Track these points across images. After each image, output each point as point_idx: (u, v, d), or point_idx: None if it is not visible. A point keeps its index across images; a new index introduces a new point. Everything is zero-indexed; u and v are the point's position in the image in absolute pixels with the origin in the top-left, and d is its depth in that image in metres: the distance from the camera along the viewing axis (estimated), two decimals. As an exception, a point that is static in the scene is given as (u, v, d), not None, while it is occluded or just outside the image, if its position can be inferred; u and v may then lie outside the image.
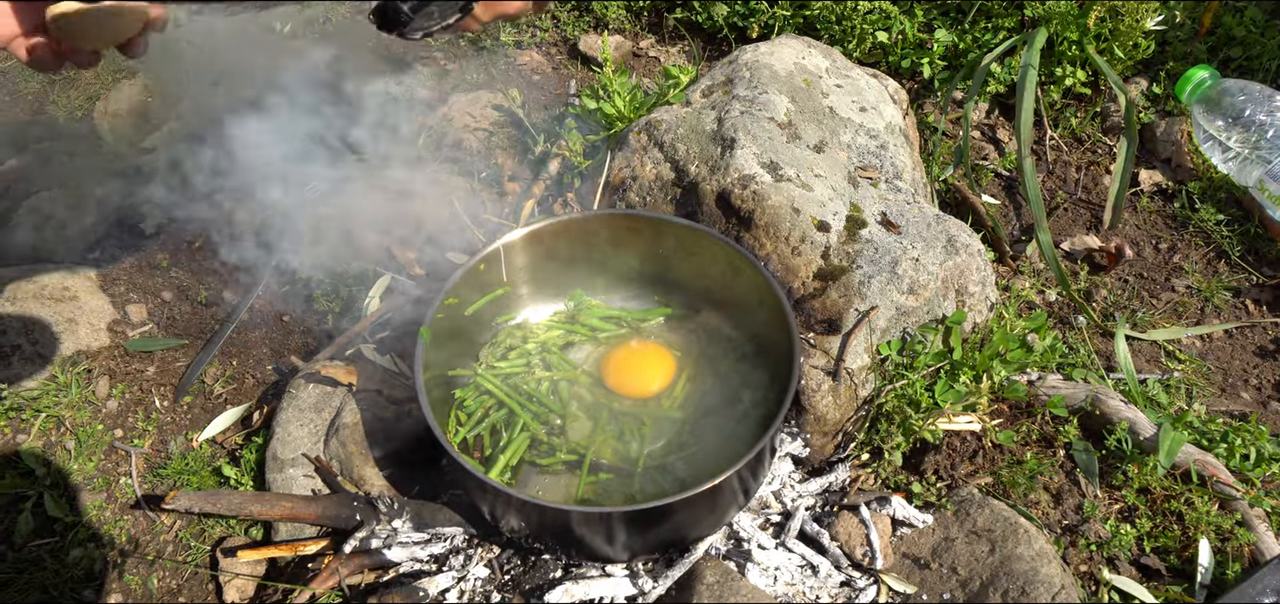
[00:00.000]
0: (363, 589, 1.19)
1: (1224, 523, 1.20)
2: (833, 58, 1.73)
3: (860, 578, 1.17)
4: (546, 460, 1.24)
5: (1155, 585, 1.17)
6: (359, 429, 1.32)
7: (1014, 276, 1.63)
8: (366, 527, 1.22)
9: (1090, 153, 1.86)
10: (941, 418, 1.28)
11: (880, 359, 1.31)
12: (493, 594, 1.17)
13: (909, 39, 1.93)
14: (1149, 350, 1.51)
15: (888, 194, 1.48)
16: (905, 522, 1.22)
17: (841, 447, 1.33)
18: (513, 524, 1.15)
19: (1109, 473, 1.28)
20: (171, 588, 1.30)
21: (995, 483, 1.27)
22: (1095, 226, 1.73)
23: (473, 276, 1.31)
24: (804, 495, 1.28)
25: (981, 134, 1.91)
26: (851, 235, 1.36)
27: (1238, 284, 1.61)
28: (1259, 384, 1.47)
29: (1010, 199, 1.79)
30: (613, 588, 1.15)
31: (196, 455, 1.42)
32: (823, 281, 1.33)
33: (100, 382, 1.49)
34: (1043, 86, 1.87)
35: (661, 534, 1.15)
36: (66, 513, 1.36)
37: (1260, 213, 1.66)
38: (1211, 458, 1.25)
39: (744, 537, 1.20)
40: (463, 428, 1.27)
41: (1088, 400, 1.32)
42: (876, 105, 1.64)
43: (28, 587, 1.29)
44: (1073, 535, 1.22)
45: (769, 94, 1.54)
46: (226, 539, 1.33)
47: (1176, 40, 1.94)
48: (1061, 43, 1.83)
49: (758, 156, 1.42)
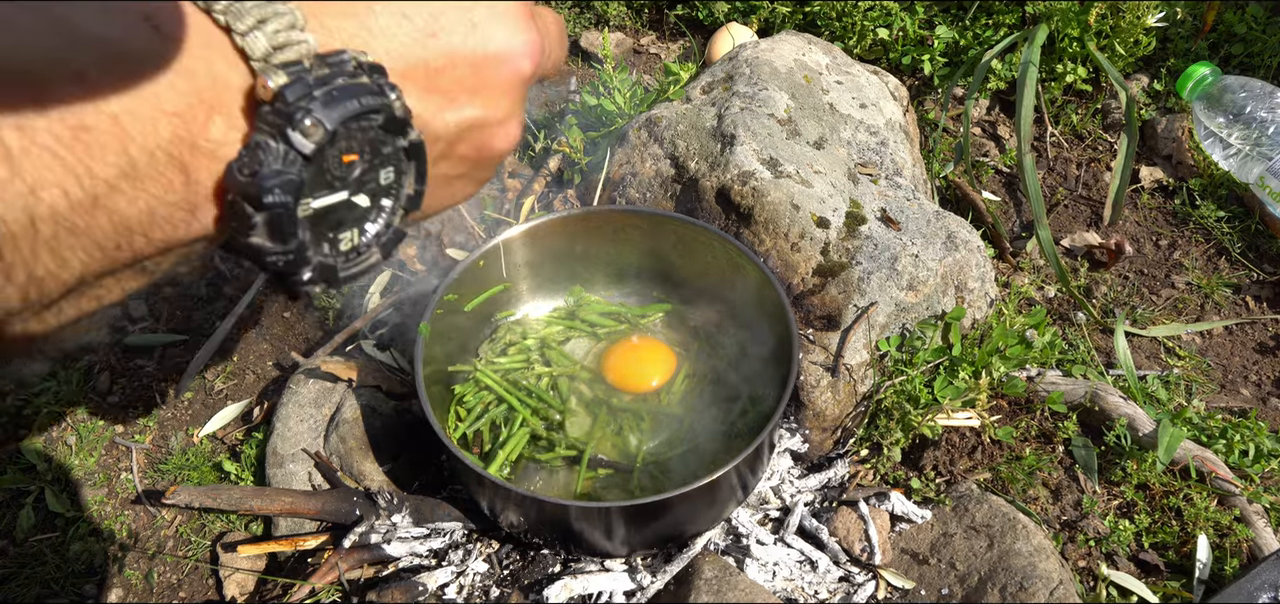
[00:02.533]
0: (362, 584, 1.19)
1: (1222, 519, 1.20)
2: (833, 54, 1.73)
3: (859, 573, 1.17)
4: (546, 456, 1.24)
5: (1153, 581, 1.17)
6: (359, 425, 1.32)
7: (1014, 273, 1.63)
8: (366, 522, 1.23)
9: (1091, 149, 1.86)
10: (940, 414, 1.28)
11: (879, 355, 1.31)
12: (492, 589, 1.18)
13: (910, 36, 1.93)
14: (1149, 347, 1.51)
15: (888, 190, 1.48)
16: (904, 517, 1.23)
17: (840, 442, 1.33)
18: (512, 519, 1.16)
19: (1108, 469, 1.28)
20: (172, 583, 1.30)
21: (994, 479, 1.27)
22: (1095, 223, 1.73)
23: (472, 273, 1.32)
24: (803, 491, 1.28)
25: (982, 130, 1.91)
26: (851, 232, 1.36)
27: (1238, 281, 1.61)
28: (1259, 381, 1.47)
29: (1011, 196, 1.79)
30: (611, 583, 1.16)
31: (197, 451, 1.43)
32: (822, 278, 1.33)
33: (101, 377, 1.50)
34: (1043, 83, 1.87)
35: (660, 529, 1.15)
36: (67, 508, 1.36)
37: (1261, 209, 1.66)
38: (1210, 454, 1.25)
39: (743, 532, 1.21)
40: (462, 423, 1.27)
41: (1087, 396, 1.32)
42: (877, 102, 1.64)
43: (29, 581, 1.29)
44: (1071, 531, 1.22)
45: (769, 90, 1.54)
46: (227, 534, 1.33)
47: (1178, 37, 1.94)
48: (1062, 39, 1.83)
49: (757, 153, 1.42)
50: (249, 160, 0.38)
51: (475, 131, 0.48)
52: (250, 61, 0.39)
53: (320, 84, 0.40)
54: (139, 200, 0.36)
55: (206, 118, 0.37)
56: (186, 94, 0.36)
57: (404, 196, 0.47)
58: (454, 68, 0.45)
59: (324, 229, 0.43)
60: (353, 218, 0.45)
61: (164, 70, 0.36)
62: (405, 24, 0.43)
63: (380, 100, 0.41)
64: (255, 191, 0.38)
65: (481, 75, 0.46)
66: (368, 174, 0.44)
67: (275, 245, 0.40)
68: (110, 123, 0.34)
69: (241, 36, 0.38)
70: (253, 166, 0.38)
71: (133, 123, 0.35)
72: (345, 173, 0.43)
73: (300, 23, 0.40)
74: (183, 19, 0.37)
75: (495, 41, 0.46)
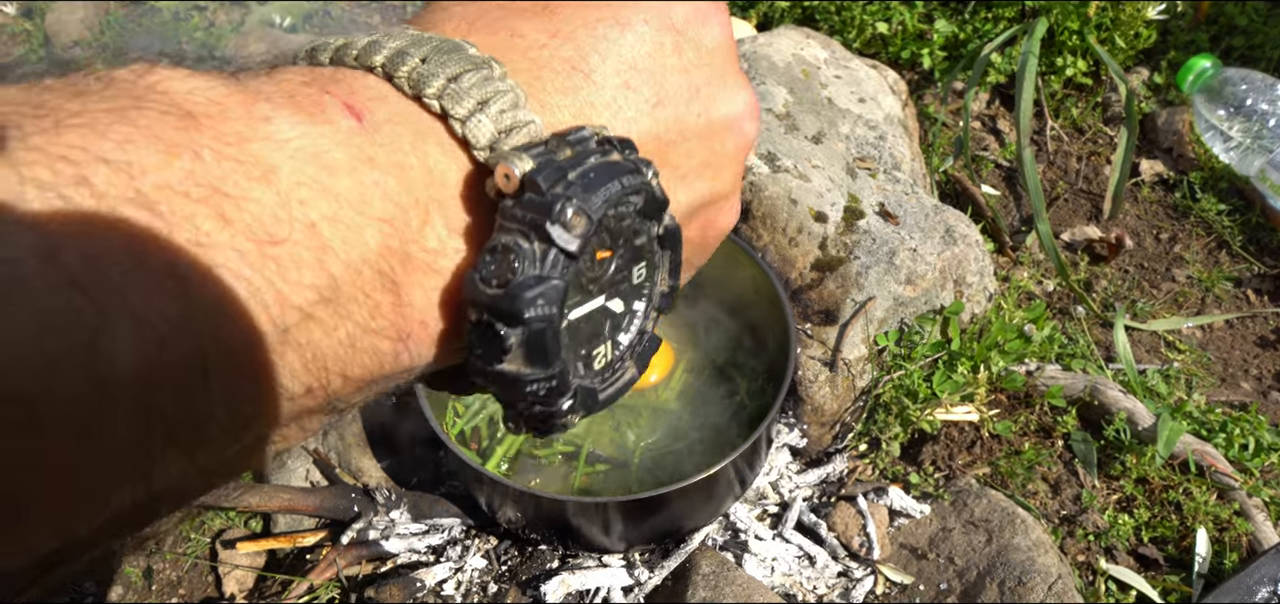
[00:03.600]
0: (361, 580, 1.19)
1: (1222, 513, 1.20)
2: (832, 48, 1.73)
3: (857, 568, 1.17)
4: (543, 452, 1.24)
5: (1153, 575, 1.17)
6: (357, 421, 1.32)
7: (1013, 267, 1.62)
8: (364, 518, 1.23)
9: (1091, 143, 1.85)
10: (939, 408, 1.28)
11: (878, 350, 1.31)
12: (490, 585, 1.18)
13: (909, 30, 1.93)
14: (1148, 341, 1.51)
15: (886, 185, 1.48)
16: (903, 512, 1.22)
17: (839, 437, 1.32)
18: (510, 515, 1.16)
19: (1107, 463, 1.28)
20: (172, 580, 1.31)
21: (993, 473, 1.27)
22: (1095, 217, 1.73)
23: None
24: (801, 486, 1.28)
25: (981, 124, 1.90)
26: (849, 226, 1.35)
27: (1239, 274, 1.60)
28: (1259, 374, 1.46)
29: (1010, 189, 1.78)
30: (609, 578, 1.16)
31: (196, 448, 1.43)
32: (820, 272, 1.33)
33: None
34: (1043, 76, 1.86)
35: (658, 524, 1.15)
36: (67, 505, 1.36)
37: (1262, 202, 1.65)
38: (1210, 448, 1.25)
39: (741, 527, 1.20)
40: (460, 419, 1.27)
41: (1086, 391, 1.32)
42: (875, 96, 1.64)
43: (29, 578, 1.29)
44: (1070, 525, 1.21)
45: (767, 85, 1.54)
46: (226, 531, 1.34)
47: (1178, 29, 1.93)
48: (1062, 32, 1.82)
49: (755, 148, 1.41)
50: (498, 268, 0.31)
51: (704, 210, 0.41)
52: (472, 150, 0.32)
53: (572, 165, 0.32)
54: (339, 330, 0.28)
55: (422, 222, 0.30)
56: (397, 195, 0.29)
57: (657, 295, 0.39)
58: (685, 139, 0.38)
59: (577, 345, 0.36)
60: (608, 328, 0.38)
61: (370, 168, 0.29)
62: (631, 96, 0.36)
63: (639, 180, 0.34)
64: (511, 306, 0.30)
65: (710, 146, 0.40)
66: (619, 273, 0.37)
67: (536, 371, 0.32)
68: (306, 234, 0.27)
69: (461, 123, 0.31)
70: (504, 274, 0.31)
71: (334, 232, 0.27)
72: (599, 273, 0.36)
73: (523, 101, 0.33)
74: (389, 103, 0.31)
75: (721, 107, 0.40)
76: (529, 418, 0.35)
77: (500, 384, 0.33)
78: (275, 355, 0.27)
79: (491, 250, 0.31)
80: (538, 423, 0.35)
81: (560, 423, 0.35)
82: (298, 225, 0.27)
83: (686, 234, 0.41)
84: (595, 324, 0.36)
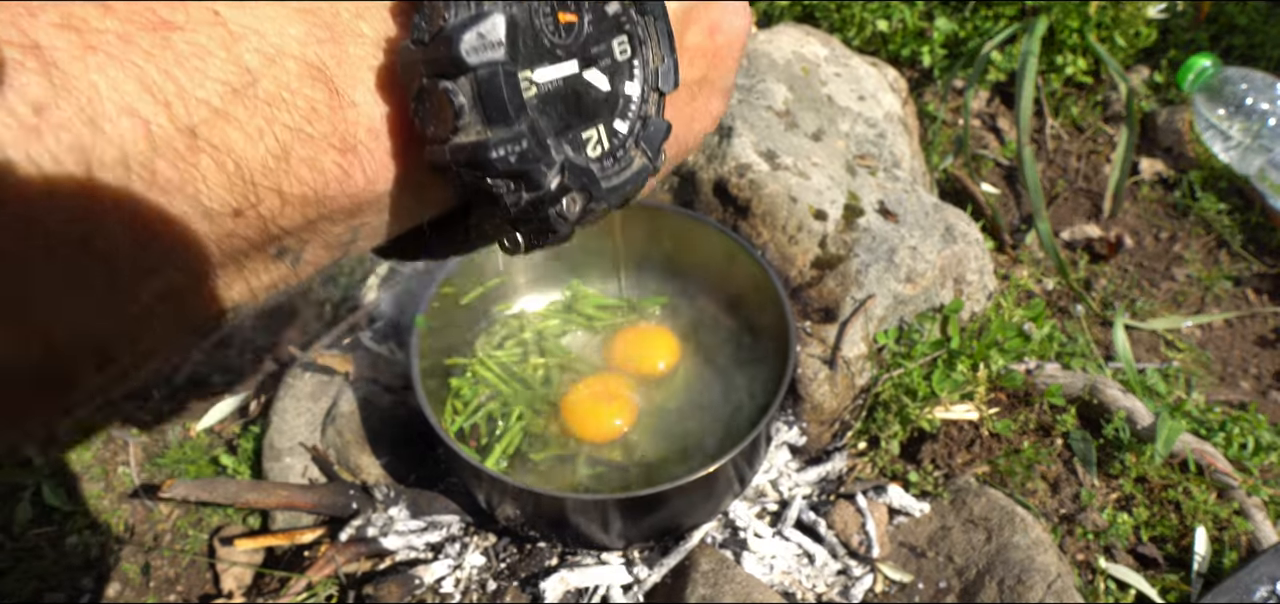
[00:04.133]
0: (359, 577, 1.19)
1: (1221, 512, 1.20)
2: (831, 46, 1.73)
3: (857, 566, 1.17)
4: (539, 455, 1.24)
5: (1152, 574, 1.17)
6: (355, 418, 1.32)
7: (1013, 265, 1.62)
8: (363, 515, 1.22)
9: (1091, 141, 1.85)
10: (939, 407, 1.28)
11: (877, 348, 1.31)
12: (489, 582, 1.17)
13: (909, 27, 1.93)
14: (1148, 340, 1.51)
15: (886, 183, 1.47)
16: (902, 510, 1.22)
17: (838, 435, 1.32)
18: (509, 512, 1.15)
19: (1106, 462, 1.27)
20: (169, 577, 1.30)
21: (992, 472, 1.27)
22: (1095, 215, 1.73)
23: (469, 265, 1.31)
24: (800, 484, 1.27)
25: (982, 123, 1.90)
26: (849, 224, 1.35)
27: (1238, 273, 1.60)
28: (1259, 373, 1.46)
29: (1010, 188, 1.78)
30: (608, 576, 1.15)
31: (194, 444, 1.42)
32: (820, 270, 1.32)
33: (98, 371, 1.49)
34: (1043, 75, 1.86)
35: (657, 522, 1.15)
36: (64, 502, 1.36)
37: (1261, 202, 1.65)
38: (1209, 447, 1.25)
39: (740, 525, 1.20)
40: (459, 416, 1.27)
41: (1086, 389, 1.32)
42: (875, 94, 1.63)
43: (26, 575, 1.29)
44: (1070, 524, 1.21)
45: (767, 82, 1.54)
46: (224, 528, 1.33)
47: (1178, 28, 1.93)
48: (1062, 31, 1.82)
49: (755, 145, 1.41)
50: (429, 21, 0.27)
51: (704, 11, 0.37)
52: None
53: None
54: (266, 134, 0.24)
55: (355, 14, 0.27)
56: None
57: (651, 73, 0.35)
58: None
59: (556, 115, 0.31)
60: (594, 106, 0.33)
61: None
62: None
63: None
64: (449, 51, 0.26)
65: None
66: (596, 44, 0.33)
67: (499, 132, 0.28)
68: (207, 18, 0.23)
69: None
70: (434, 25, 0.27)
71: (242, 17, 0.24)
72: (567, 38, 0.31)
73: None
74: None
75: None
76: (519, 213, 0.30)
77: (467, 165, 0.28)
78: (183, 161, 0.23)
79: (420, 9, 0.27)
80: (531, 218, 0.30)
81: (557, 215, 0.31)
82: (196, 10, 0.23)
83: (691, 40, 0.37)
84: (578, 98, 0.32)
